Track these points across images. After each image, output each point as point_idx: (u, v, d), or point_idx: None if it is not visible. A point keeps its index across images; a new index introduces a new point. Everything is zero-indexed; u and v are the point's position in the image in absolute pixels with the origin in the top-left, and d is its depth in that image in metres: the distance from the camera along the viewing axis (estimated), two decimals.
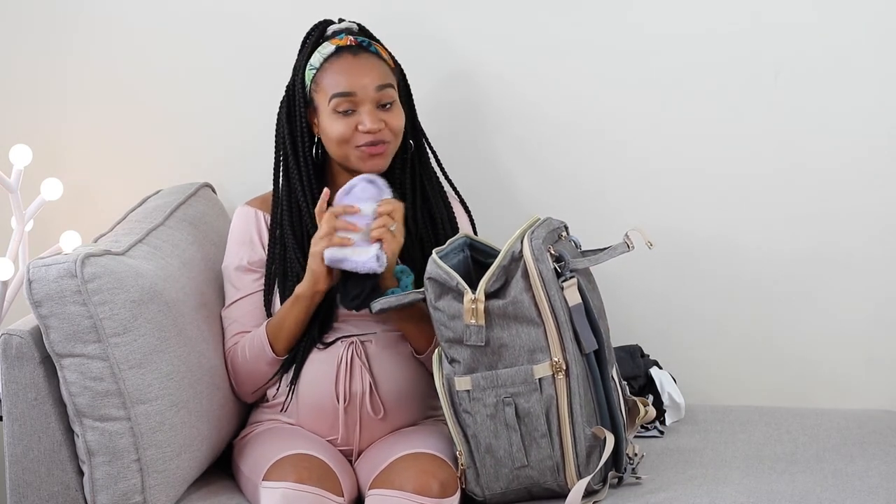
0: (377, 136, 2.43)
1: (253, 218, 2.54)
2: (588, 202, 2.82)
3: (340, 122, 2.44)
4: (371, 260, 2.33)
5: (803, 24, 2.73)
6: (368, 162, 2.44)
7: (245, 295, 2.49)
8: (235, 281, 2.50)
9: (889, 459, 2.44)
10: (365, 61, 2.46)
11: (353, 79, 2.43)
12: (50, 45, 2.91)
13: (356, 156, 2.45)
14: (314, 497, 2.25)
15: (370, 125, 2.42)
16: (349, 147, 2.44)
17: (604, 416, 2.29)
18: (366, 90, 2.43)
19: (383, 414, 2.43)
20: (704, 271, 2.82)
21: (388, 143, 2.45)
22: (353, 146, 2.44)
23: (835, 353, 2.81)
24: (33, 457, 2.27)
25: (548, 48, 2.79)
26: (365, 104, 2.43)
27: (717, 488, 2.30)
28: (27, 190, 2.80)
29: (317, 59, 2.47)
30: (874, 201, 2.76)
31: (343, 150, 2.45)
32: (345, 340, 2.44)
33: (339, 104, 2.43)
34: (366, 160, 2.44)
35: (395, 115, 2.46)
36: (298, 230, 2.48)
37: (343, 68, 2.45)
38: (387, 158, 2.47)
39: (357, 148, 2.44)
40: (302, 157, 2.48)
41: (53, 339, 2.23)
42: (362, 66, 2.45)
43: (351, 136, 2.43)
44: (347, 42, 2.47)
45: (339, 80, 2.44)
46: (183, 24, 2.87)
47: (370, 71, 2.45)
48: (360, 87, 2.43)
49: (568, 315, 2.25)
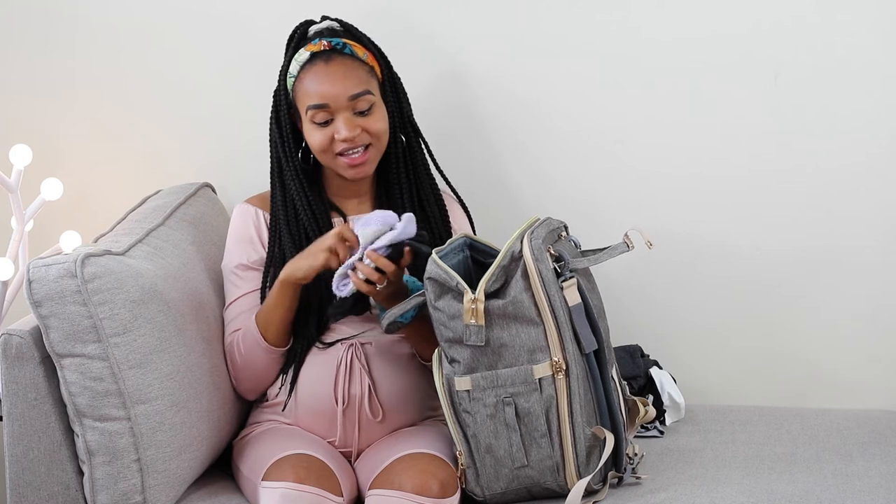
0: (355, 142, 2.43)
1: (252, 216, 2.54)
2: (587, 202, 2.82)
3: (318, 132, 2.44)
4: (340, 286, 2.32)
5: (803, 26, 2.73)
6: (351, 171, 2.45)
7: (245, 293, 2.49)
8: (235, 279, 2.50)
9: (889, 459, 2.44)
10: (337, 68, 2.45)
11: (325, 89, 2.43)
12: (50, 45, 2.91)
13: (339, 164, 2.45)
14: (313, 497, 2.24)
15: (345, 133, 2.42)
16: (330, 156, 2.45)
17: (604, 415, 2.29)
18: (338, 100, 2.42)
19: (382, 417, 2.43)
20: (704, 272, 2.82)
21: (371, 146, 2.45)
22: (333, 154, 2.44)
23: (835, 353, 2.81)
24: (33, 457, 2.27)
25: (548, 48, 2.79)
26: (340, 112, 2.43)
27: (717, 488, 2.30)
28: (27, 190, 2.80)
29: (294, 68, 2.47)
30: (874, 203, 2.76)
31: (325, 159, 2.46)
32: (344, 342, 2.44)
33: (315, 115, 2.44)
34: (347, 168, 2.45)
35: (374, 119, 2.45)
36: (295, 231, 2.48)
37: (316, 78, 2.44)
38: (371, 163, 2.47)
39: (337, 156, 2.44)
40: (291, 161, 2.49)
41: (53, 339, 2.23)
42: (334, 74, 2.44)
43: (329, 145, 2.44)
44: (321, 47, 2.46)
45: (314, 90, 2.43)
46: (183, 25, 2.88)
47: (342, 79, 2.43)
48: (332, 97, 2.42)
49: (568, 315, 2.25)
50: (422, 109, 2.58)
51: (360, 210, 2.54)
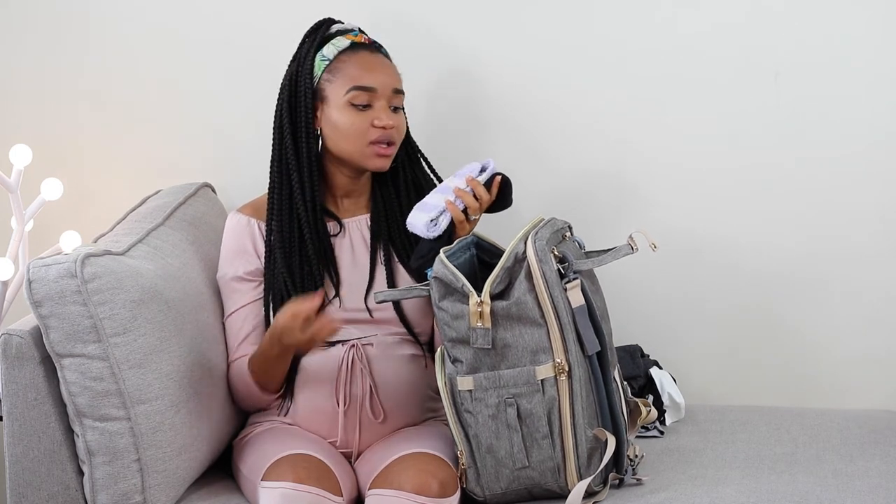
0: (388, 133, 2.44)
1: (245, 227, 2.52)
2: (590, 202, 2.82)
3: (354, 115, 2.44)
4: (430, 229, 2.39)
5: (803, 24, 2.73)
6: (376, 160, 2.45)
7: (244, 304, 2.48)
8: (232, 291, 2.49)
9: (889, 459, 2.44)
10: (383, 61, 2.49)
11: (375, 75, 2.45)
12: (50, 46, 2.91)
13: (366, 152, 2.45)
14: (313, 497, 2.24)
15: (387, 121, 2.43)
16: (360, 142, 2.44)
17: (605, 417, 2.29)
18: (385, 88, 2.45)
19: (383, 417, 2.43)
20: (704, 272, 2.82)
21: (394, 144, 2.46)
22: (366, 141, 2.44)
23: (835, 352, 2.81)
24: (33, 457, 2.27)
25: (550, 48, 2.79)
26: (381, 100, 2.44)
27: (717, 488, 2.30)
28: (27, 190, 2.80)
29: (330, 51, 2.47)
30: (874, 201, 2.76)
31: (352, 145, 2.45)
32: (346, 343, 2.44)
33: (357, 97, 2.44)
34: (373, 158, 2.45)
35: (402, 121, 2.49)
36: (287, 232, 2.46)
37: (364, 63, 2.46)
38: (391, 160, 2.48)
39: (369, 145, 2.44)
40: (305, 149, 2.46)
41: (53, 339, 2.23)
42: (382, 64, 2.48)
43: (365, 130, 2.44)
44: (363, 39, 2.49)
45: (361, 73, 2.45)
46: (183, 25, 2.87)
47: (391, 73, 2.48)
48: (381, 83, 2.45)
49: (571, 316, 2.25)
50: (424, 108, 2.59)
51: (355, 210, 2.53)
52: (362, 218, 2.54)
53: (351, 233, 2.52)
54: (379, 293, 2.35)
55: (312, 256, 2.45)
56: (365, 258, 2.50)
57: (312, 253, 2.45)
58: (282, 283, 2.44)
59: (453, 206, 2.40)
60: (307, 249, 2.46)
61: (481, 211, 2.43)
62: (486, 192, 2.42)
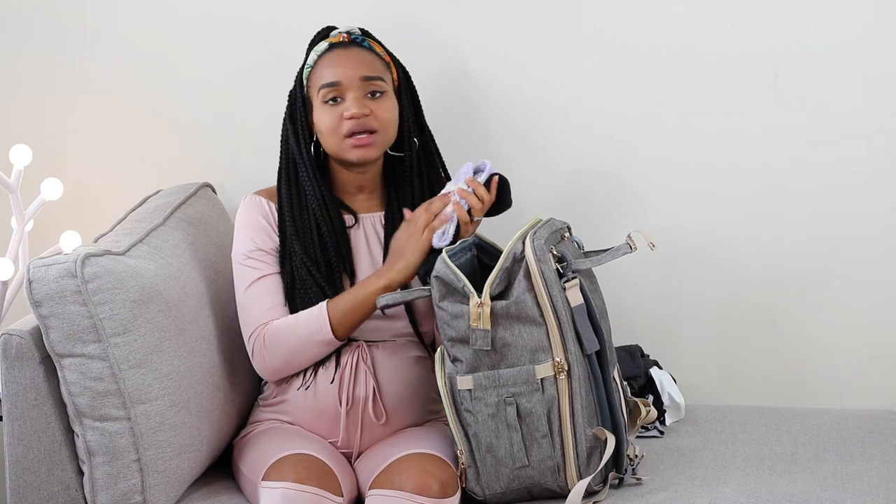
0: (362, 122, 2.43)
1: (265, 206, 2.50)
2: (589, 202, 2.82)
3: (328, 111, 2.45)
4: (441, 238, 2.39)
5: (803, 24, 2.73)
6: (356, 151, 2.45)
7: (265, 274, 2.45)
8: (251, 263, 2.45)
9: (889, 459, 2.44)
10: (353, 54, 2.48)
11: (337, 69, 2.45)
12: (50, 45, 2.91)
13: (343, 146, 2.45)
14: (313, 497, 2.24)
15: (354, 110, 2.43)
16: (336, 137, 2.45)
17: (605, 416, 2.29)
18: (350, 79, 2.44)
19: (385, 419, 2.43)
20: (704, 271, 2.82)
21: (376, 132, 2.45)
22: (341, 135, 2.44)
23: (835, 352, 2.81)
24: (33, 457, 2.27)
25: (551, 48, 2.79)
26: (350, 91, 2.44)
27: (717, 488, 2.30)
28: (27, 190, 2.80)
29: (312, 58, 2.49)
30: (874, 201, 2.76)
31: (332, 142, 2.46)
32: (351, 344, 2.43)
33: (326, 94, 2.45)
34: (350, 150, 2.45)
35: (385, 107, 2.46)
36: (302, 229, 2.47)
37: (330, 60, 2.47)
38: (375, 149, 2.46)
39: (345, 138, 2.44)
40: (306, 155, 2.47)
41: (53, 339, 2.23)
42: (350, 57, 2.47)
43: (338, 125, 2.44)
44: (340, 39, 2.50)
45: (327, 72, 2.46)
46: (183, 25, 2.87)
47: (358, 62, 2.46)
48: (344, 76, 2.44)
49: (570, 315, 2.25)
50: (425, 107, 2.58)
51: (369, 207, 2.53)
52: (376, 215, 2.53)
53: (365, 227, 2.52)
54: (381, 297, 2.34)
55: (330, 245, 2.45)
56: (379, 255, 2.50)
57: (329, 242, 2.45)
58: (305, 271, 2.43)
59: (459, 208, 2.40)
60: (324, 239, 2.45)
61: (483, 211, 2.43)
62: (487, 192, 2.43)
